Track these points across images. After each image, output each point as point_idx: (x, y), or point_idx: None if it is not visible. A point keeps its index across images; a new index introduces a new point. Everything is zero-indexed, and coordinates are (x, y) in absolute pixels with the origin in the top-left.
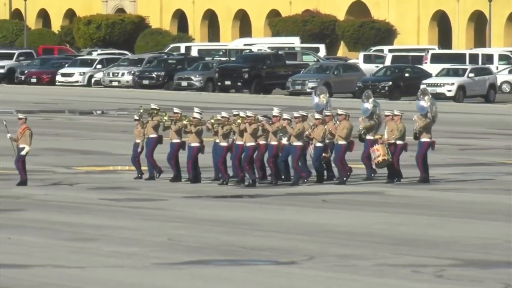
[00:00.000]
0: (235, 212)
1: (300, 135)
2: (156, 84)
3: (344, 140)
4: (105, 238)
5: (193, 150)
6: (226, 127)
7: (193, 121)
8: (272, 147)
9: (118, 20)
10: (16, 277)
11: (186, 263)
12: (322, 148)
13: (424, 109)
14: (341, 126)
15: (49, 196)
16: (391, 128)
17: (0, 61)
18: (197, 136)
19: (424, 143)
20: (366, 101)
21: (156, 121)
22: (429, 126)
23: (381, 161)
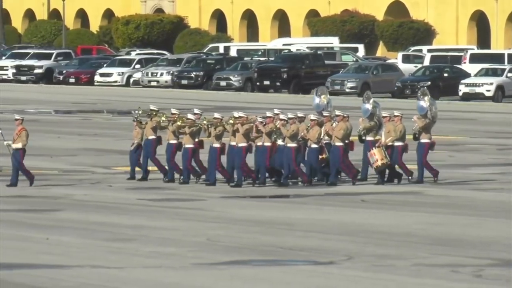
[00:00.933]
0: (273, 212)
1: (294, 136)
2: (195, 84)
3: (341, 141)
4: (143, 239)
5: (187, 151)
6: (219, 128)
7: (187, 122)
8: (265, 148)
9: (157, 20)
10: (55, 278)
11: (225, 263)
12: (317, 150)
13: (423, 110)
14: (338, 127)
15: (88, 196)
16: (388, 130)
17: (39, 61)
18: (191, 137)
19: (425, 144)
20: (366, 102)
21: (155, 122)
22: (428, 126)
23: (380, 165)
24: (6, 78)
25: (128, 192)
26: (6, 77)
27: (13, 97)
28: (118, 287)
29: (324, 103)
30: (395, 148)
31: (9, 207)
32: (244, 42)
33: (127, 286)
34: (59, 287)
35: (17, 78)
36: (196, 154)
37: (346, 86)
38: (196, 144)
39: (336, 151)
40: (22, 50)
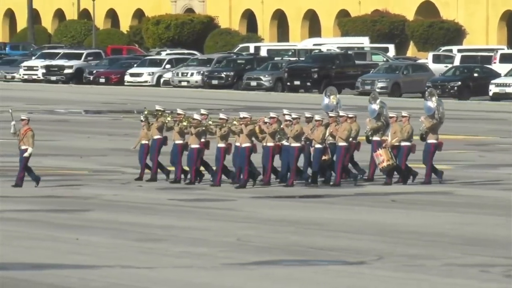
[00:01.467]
0: (304, 212)
1: (298, 136)
2: (225, 84)
3: (344, 142)
4: (173, 239)
5: (193, 152)
6: (224, 129)
7: (193, 123)
8: (268, 148)
9: (187, 20)
10: (84, 278)
11: (256, 263)
12: (321, 150)
13: (431, 110)
14: (342, 127)
15: (118, 196)
16: (394, 130)
17: (69, 61)
18: (197, 138)
19: (431, 145)
20: (373, 102)
21: (161, 122)
22: (436, 127)
23: (385, 166)
24: (36, 78)
25: (159, 192)
26: (36, 77)
27: (43, 97)
28: (148, 287)
29: (334, 104)
30: (402, 149)
31: (39, 207)
32: (275, 42)
33: (157, 286)
34: (89, 287)
35: (47, 78)
36: (201, 154)
37: (376, 86)
38: (201, 144)
39: (340, 152)
40: (52, 50)
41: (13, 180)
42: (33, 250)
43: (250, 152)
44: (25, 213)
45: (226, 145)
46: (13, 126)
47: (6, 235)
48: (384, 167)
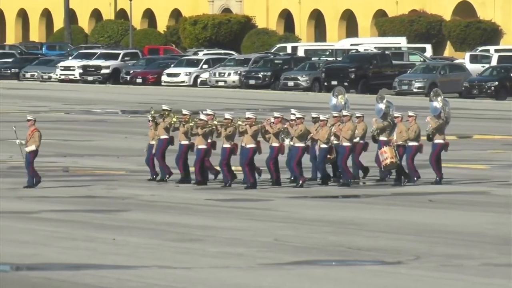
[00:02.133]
0: (341, 212)
1: (302, 136)
2: (263, 84)
3: (348, 142)
4: (211, 239)
5: (200, 152)
6: (229, 129)
7: (199, 123)
8: (273, 148)
9: (224, 20)
10: (121, 278)
11: (293, 263)
12: (326, 150)
13: (437, 110)
14: (346, 127)
15: (156, 196)
16: (400, 130)
17: (106, 61)
18: (204, 138)
19: (437, 145)
20: (380, 101)
21: (167, 122)
22: (442, 127)
23: (388, 164)
24: (73, 78)
25: (196, 193)
26: (73, 77)
27: (79, 97)
28: (185, 287)
29: (342, 104)
30: (409, 148)
31: (77, 208)
32: (312, 42)
33: (194, 287)
34: (126, 287)
35: (84, 78)
36: (208, 154)
37: (413, 86)
38: (208, 145)
39: (343, 151)
40: (88, 50)
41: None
42: (70, 251)
43: (254, 153)
44: (63, 214)
45: (231, 146)
46: (20, 144)
47: (44, 236)
48: (387, 164)
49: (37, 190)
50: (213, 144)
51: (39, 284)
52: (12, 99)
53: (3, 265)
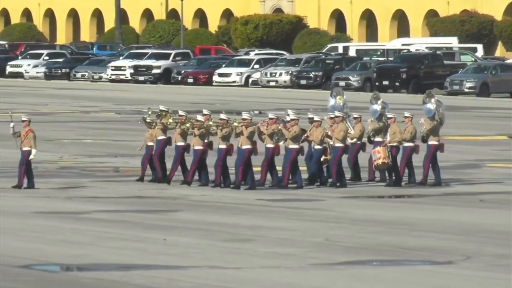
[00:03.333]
0: (392, 212)
1: (295, 138)
2: (314, 84)
3: (341, 143)
4: (261, 239)
5: (197, 153)
6: (225, 130)
7: (196, 124)
8: (268, 149)
9: (276, 20)
10: (172, 278)
11: (344, 263)
12: (321, 151)
13: (431, 112)
14: (338, 128)
15: (206, 196)
16: (393, 131)
17: (157, 61)
18: (200, 139)
19: (432, 146)
20: (374, 102)
21: (164, 123)
22: (436, 128)
23: (380, 164)
24: (124, 78)
25: (247, 193)
26: (124, 77)
27: (130, 97)
28: (236, 287)
29: (340, 104)
30: (404, 149)
31: (127, 208)
32: (363, 42)
33: (245, 287)
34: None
35: (135, 78)
36: (205, 155)
37: (464, 86)
38: (205, 145)
39: (336, 152)
40: (140, 50)
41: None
42: (121, 251)
43: (250, 154)
44: (113, 214)
45: (227, 146)
46: (12, 128)
47: (94, 236)
48: (379, 164)
49: (88, 190)
50: (210, 144)
51: (89, 285)
52: (62, 99)
53: (53, 266)
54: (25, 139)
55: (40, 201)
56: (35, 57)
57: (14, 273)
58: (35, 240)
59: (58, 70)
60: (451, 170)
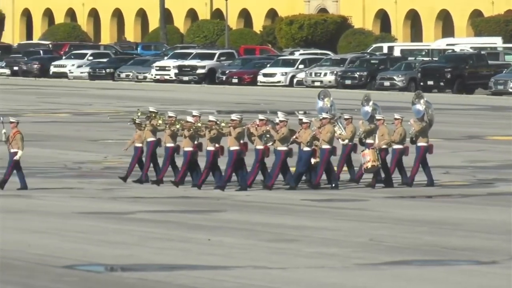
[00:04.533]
0: (437, 212)
1: (284, 139)
2: (359, 84)
3: (328, 144)
4: (306, 239)
5: (187, 155)
6: (213, 131)
7: (186, 125)
8: (257, 151)
9: (321, 20)
10: (216, 279)
11: (388, 263)
12: (310, 153)
13: (420, 113)
14: (325, 130)
15: (250, 197)
16: (381, 133)
17: (201, 61)
18: (190, 140)
19: (421, 148)
20: (366, 104)
21: (154, 124)
22: (425, 130)
23: (369, 167)
24: (168, 78)
25: (291, 193)
26: (168, 77)
27: (175, 97)
28: (280, 287)
29: (328, 106)
30: (394, 151)
31: (172, 208)
32: (408, 42)
33: (290, 287)
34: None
35: (179, 78)
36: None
37: (509, 86)
38: (195, 147)
39: (323, 154)
40: (184, 50)
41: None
42: (165, 251)
43: (238, 155)
44: (158, 214)
45: (215, 148)
46: (3, 135)
47: (139, 236)
48: (368, 167)
49: (132, 190)
50: (199, 145)
51: (133, 285)
52: (106, 99)
53: (97, 266)
54: (13, 141)
55: (84, 201)
56: (79, 57)
57: (58, 273)
58: (79, 240)
59: (102, 70)
60: (495, 170)
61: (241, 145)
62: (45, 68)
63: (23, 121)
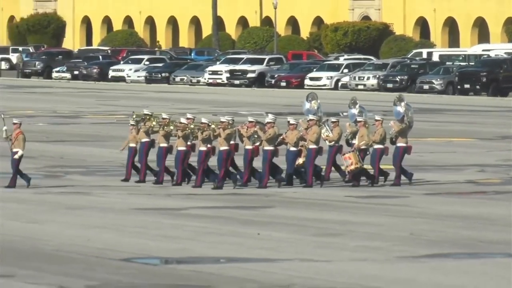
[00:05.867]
0: (473, 208)
1: (271, 140)
2: (400, 88)
3: (314, 144)
4: (350, 233)
5: (180, 154)
6: (206, 133)
7: (179, 126)
8: (247, 151)
9: (364, 27)
10: (266, 271)
11: (427, 256)
12: (295, 153)
13: (400, 115)
14: (312, 131)
15: (297, 194)
16: (361, 134)
17: (251, 66)
18: (184, 141)
19: (400, 148)
20: (352, 107)
21: (148, 126)
22: (405, 131)
23: (353, 169)
24: (220, 82)
25: (336, 190)
26: (220, 81)
27: (227, 100)
28: (326, 279)
29: (315, 108)
30: (375, 151)
31: (224, 204)
32: (446, 48)
33: (334, 278)
34: (271, 279)
35: (231, 82)
36: (187, 156)
37: None
38: (188, 147)
39: (310, 153)
40: (235, 55)
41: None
42: (218, 245)
43: (228, 155)
44: (210, 210)
45: (207, 149)
46: (5, 131)
47: (194, 231)
48: (351, 170)
49: (186, 188)
50: (193, 146)
51: (187, 277)
52: (162, 101)
53: (153, 259)
54: (16, 141)
55: (142, 198)
56: (136, 62)
57: (116, 266)
58: (136, 235)
59: (158, 74)
60: None
61: (230, 146)
62: (104, 72)
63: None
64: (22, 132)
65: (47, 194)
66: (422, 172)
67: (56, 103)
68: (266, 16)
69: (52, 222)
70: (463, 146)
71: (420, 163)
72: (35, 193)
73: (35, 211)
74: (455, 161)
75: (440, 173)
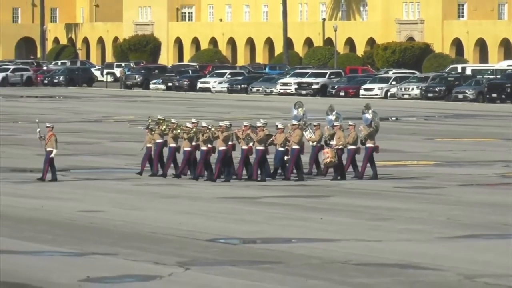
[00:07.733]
0: (499, 197)
1: (261, 141)
2: (438, 97)
3: (297, 145)
4: (397, 218)
5: (186, 153)
6: (206, 135)
7: (185, 130)
8: (243, 150)
9: (409, 46)
10: (328, 249)
11: (461, 237)
12: (283, 152)
13: (368, 120)
14: (295, 133)
15: (354, 185)
16: (338, 136)
17: (316, 79)
18: (189, 142)
19: (369, 148)
20: (330, 113)
21: (161, 129)
22: (372, 134)
23: (328, 162)
24: (290, 92)
25: (386, 181)
26: (290, 91)
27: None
28: (377, 256)
29: (301, 114)
30: (349, 151)
31: (292, 194)
32: (477, 63)
33: (384, 255)
34: (332, 256)
35: (298, 92)
36: (192, 155)
37: None
38: (193, 147)
39: (293, 153)
40: (302, 70)
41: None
42: (287, 228)
43: (225, 154)
44: (281, 199)
45: (208, 148)
46: (38, 133)
47: (266, 216)
48: (327, 162)
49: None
50: (197, 146)
51: (262, 254)
52: (241, 108)
53: (234, 239)
54: (49, 142)
55: (224, 188)
56: (220, 75)
57: (203, 245)
58: (219, 219)
59: (238, 85)
60: None
61: (228, 146)
62: (193, 84)
63: None
64: (54, 134)
65: (145, 186)
66: (457, 167)
67: (153, 110)
68: (328, 37)
69: (150, 209)
70: (491, 145)
71: (455, 160)
72: (136, 185)
73: (136, 200)
74: (484, 158)
75: (472, 167)
